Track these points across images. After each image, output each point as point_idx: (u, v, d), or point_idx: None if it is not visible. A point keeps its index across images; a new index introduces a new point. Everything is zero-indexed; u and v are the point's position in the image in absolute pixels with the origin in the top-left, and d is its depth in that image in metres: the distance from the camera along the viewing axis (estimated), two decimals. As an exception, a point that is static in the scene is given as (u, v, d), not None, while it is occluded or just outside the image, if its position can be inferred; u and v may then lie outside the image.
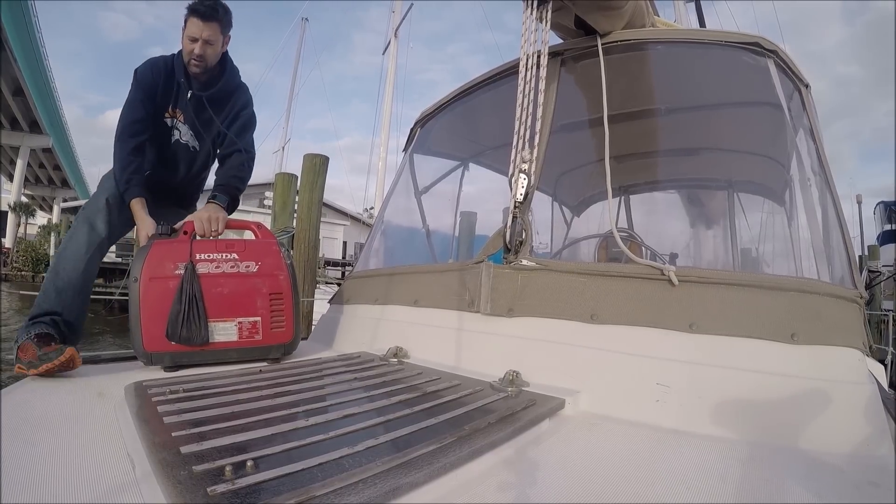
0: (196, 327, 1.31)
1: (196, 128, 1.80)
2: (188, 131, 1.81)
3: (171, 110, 1.76)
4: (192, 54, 1.66)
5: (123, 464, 0.71)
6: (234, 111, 1.83)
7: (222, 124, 1.80)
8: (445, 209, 2.62)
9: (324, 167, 4.01)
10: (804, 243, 1.58)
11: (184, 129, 1.80)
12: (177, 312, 1.29)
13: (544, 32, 1.34)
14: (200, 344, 1.31)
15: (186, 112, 1.77)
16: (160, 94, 1.71)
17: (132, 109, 1.68)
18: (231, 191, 1.74)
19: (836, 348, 0.93)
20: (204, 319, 1.32)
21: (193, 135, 1.82)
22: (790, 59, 1.43)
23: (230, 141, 1.82)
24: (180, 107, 1.77)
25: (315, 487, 0.58)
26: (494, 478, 0.70)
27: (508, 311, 1.26)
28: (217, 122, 1.78)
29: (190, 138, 1.82)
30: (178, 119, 1.78)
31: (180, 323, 1.29)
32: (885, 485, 0.70)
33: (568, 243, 3.18)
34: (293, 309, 1.48)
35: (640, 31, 1.54)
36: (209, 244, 1.42)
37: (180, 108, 1.77)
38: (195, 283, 1.33)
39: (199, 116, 1.78)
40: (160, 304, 1.30)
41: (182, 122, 1.78)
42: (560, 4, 1.34)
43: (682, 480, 0.71)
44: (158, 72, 1.70)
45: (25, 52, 19.05)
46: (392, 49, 16.56)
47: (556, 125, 1.49)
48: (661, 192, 3.24)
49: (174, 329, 1.28)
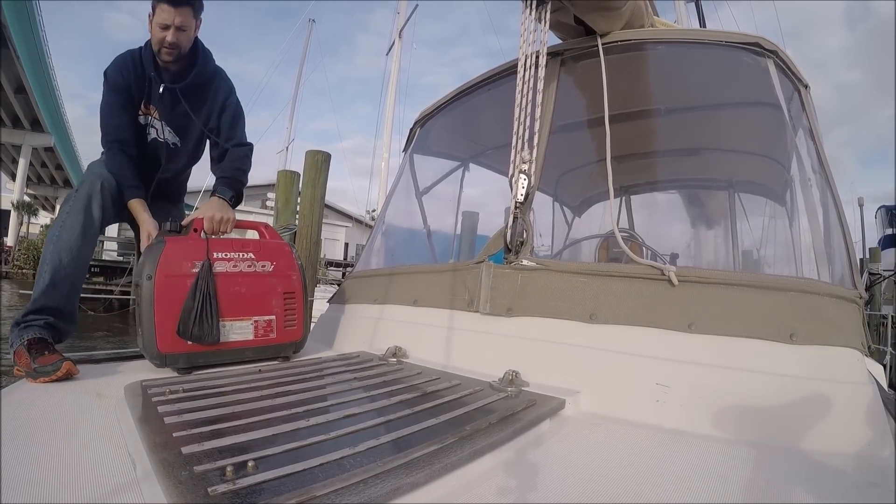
0: (208, 325, 1.28)
1: (174, 123, 1.72)
2: (165, 127, 1.72)
3: (145, 107, 1.68)
4: (164, 42, 1.56)
5: (124, 464, 0.71)
6: (219, 102, 1.74)
7: (210, 117, 1.72)
8: (446, 210, 2.62)
9: (325, 163, 4.01)
10: (804, 243, 1.58)
11: (160, 126, 1.71)
12: (189, 309, 1.26)
13: (543, 33, 1.34)
14: (212, 343, 1.29)
15: (161, 107, 1.68)
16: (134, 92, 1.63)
17: (113, 114, 1.62)
18: (235, 184, 1.68)
19: (835, 348, 0.93)
20: (216, 318, 1.30)
21: (172, 131, 1.74)
22: (790, 60, 1.43)
23: (225, 137, 1.74)
24: (154, 103, 1.68)
25: (316, 487, 0.58)
26: (496, 478, 0.70)
27: (507, 310, 1.26)
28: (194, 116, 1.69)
29: (169, 135, 1.74)
30: (153, 116, 1.70)
31: (192, 320, 1.26)
32: (886, 485, 0.70)
33: (569, 243, 3.18)
34: (304, 308, 1.49)
35: (640, 31, 1.54)
36: (225, 243, 1.40)
37: (154, 105, 1.68)
38: (210, 281, 1.30)
39: (174, 110, 1.69)
40: (176, 303, 1.26)
41: (157, 118, 1.70)
42: (559, 5, 1.34)
43: (683, 481, 0.71)
44: (128, 70, 1.61)
45: (28, 50, 19.06)
46: (396, 50, 16.56)
47: (556, 125, 1.49)
48: (662, 193, 3.24)
49: (186, 326, 1.26)
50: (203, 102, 1.73)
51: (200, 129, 1.75)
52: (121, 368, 1.30)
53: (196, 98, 1.71)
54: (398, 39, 16.56)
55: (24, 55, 18.76)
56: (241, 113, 1.81)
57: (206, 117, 1.74)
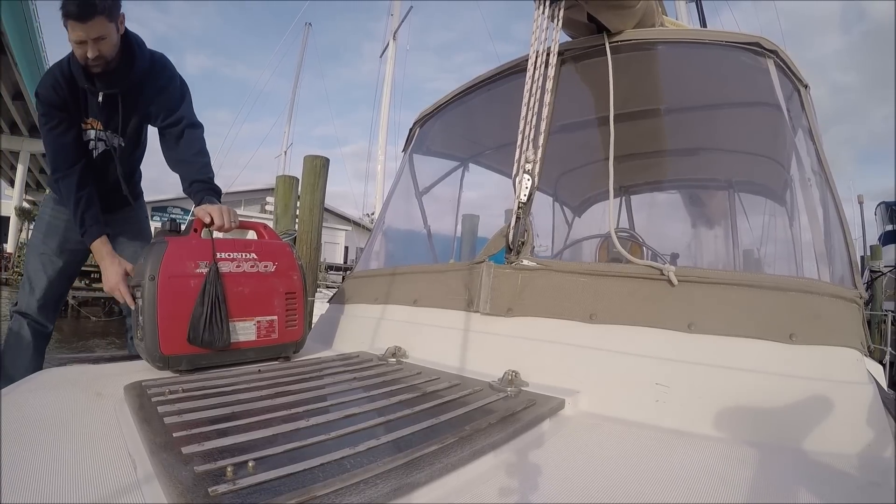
0: (218, 330, 1.27)
1: (116, 126, 1.64)
2: (110, 135, 1.64)
3: (86, 122, 1.59)
4: (87, 59, 1.45)
5: (124, 464, 0.71)
6: (161, 86, 1.63)
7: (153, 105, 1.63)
8: (446, 210, 2.62)
9: (324, 168, 4.01)
10: (804, 243, 1.57)
11: (106, 136, 1.64)
12: (199, 315, 1.25)
13: (555, 31, 1.33)
14: (222, 346, 1.28)
15: (103, 117, 1.60)
16: (71, 108, 1.53)
17: (57, 136, 1.52)
18: (211, 185, 1.63)
19: (834, 348, 0.93)
20: (226, 322, 1.29)
21: (116, 134, 1.66)
22: (790, 60, 1.43)
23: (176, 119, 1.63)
24: (93, 115, 1.59)
25: (316, 487, 0.58)
26: (496, 478, 0.70)
27: (507, 310, 1.26)
28: (136, 114, 1.61)
29: (116, 139, 1.67)
30: (97, 128, 1.62)
31: (202, 326, 1.25)
32: (886, 484, 0.70)
33: (569, 244, 3.18)
34: (304, 308, 1.49)
35: (641, 30, 1.54)
36: (227, 243, 1.39)
37: (94, 117, 1.59)
38: (219, 286, 1.29)
39: (116, 114, 1.60)
40: (180, 305, 1.24)
41: (101, 129, 1.62)
42: (572, 3, 1.33)
43: (683, 481, 0.71)
44: (60, 87, 1.51)
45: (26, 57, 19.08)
46: (391, 52, 16.60)
47: (556, 125, 1.49)
48: (662, 193, 3.25)
49: (196, 332, 1.24)
50: (143, 94, 1.63)
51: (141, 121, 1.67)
52: (120, 369, 1.29)
53: (137, 93, 1.61)
54: (392, 41, 16.60)
55: (22, 61, 18.77)
56: (187, 90, 1.72)
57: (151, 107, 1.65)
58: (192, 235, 1.42)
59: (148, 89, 1.64)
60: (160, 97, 1.65)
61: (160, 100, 1.65)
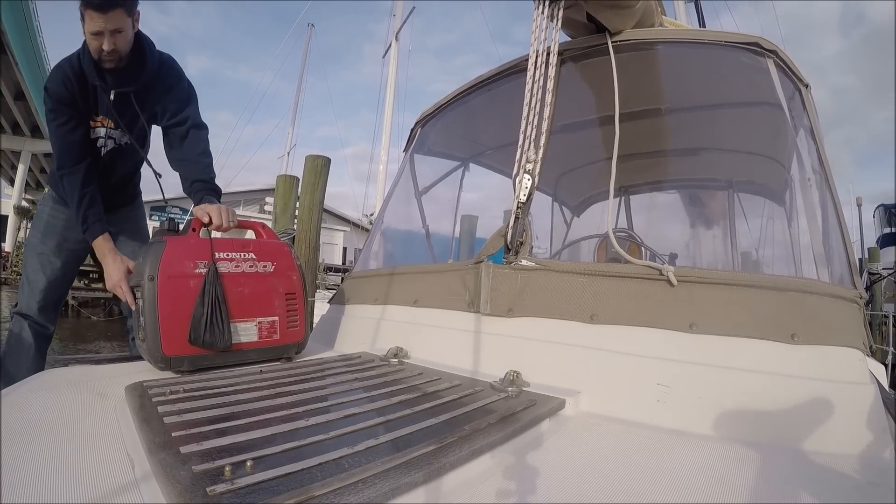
0: (220, 331, 1.26)
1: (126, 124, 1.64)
2: (120, 133, 1.65)
3: (95, 119, 1.59)
4: (102, 52, 1.45)
5: (123, 464, 0.71)
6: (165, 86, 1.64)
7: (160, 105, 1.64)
8: (446, 211, 2.62)
9: (325, 168, 4.02)
10: (804, 243, 1.57)
11: (116, 134, 1.64)
12: (200, 316, 1.24)
13: (555, 31, 1.33)
14: (224, 347, 1.27)
15: (113, 115, 1.60)
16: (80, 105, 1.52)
17: (65, 133, 1.51)
18: (212, 185, 1.63)
19: (836, 348, 0.93)
20: (227, 322, 1.28)
21: (124, 132, 1.67)
22: (790, 60, 1.43)
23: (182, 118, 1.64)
24: (104, 112, 1.59)
25: (315, 487, 0.58)
26: (494, 478, 0.70)
27: (508, 311, 1.25)
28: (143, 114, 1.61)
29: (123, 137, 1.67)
30: (108, 126, 1.62)
31: (203, 327, 1.24)
32: (885, 485, 0.70)
33: (567, 244, 3.17)
34: (304, 308, 1.49)
35: (641, 30, 1.54)
36: (226, 243, 1.38)
37: (104, 114, 1.59)
38: (218, 286, 1.28)
39: (127, 113, 1.60)
40: (180, 305, 1.24)
41: (112, 128, 1.63)
42: (572, 2, 1.33)
43: (683, 481, 0.71)
44: (71, 82, 1.50)
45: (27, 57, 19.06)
46: (393, 53, 16.61)
47: (557, 125, 1.49)
48: (662, 193, 3.24)
49: (197, 333, 1.24)
50: (152, 93, 1.64)
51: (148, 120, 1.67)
52: (121, 369, 1.29)
53: (147, 93, 1.62)
54: (395, 42, 16.60)
55: (23, 62, 18.76)
56: (194, 93, 1.73)
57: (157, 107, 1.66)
58: (191, 235, 1.41)
59: (156, 89, 1.65)
60: (167, 97, 1.66)
61: (167, 99, 1.66)
